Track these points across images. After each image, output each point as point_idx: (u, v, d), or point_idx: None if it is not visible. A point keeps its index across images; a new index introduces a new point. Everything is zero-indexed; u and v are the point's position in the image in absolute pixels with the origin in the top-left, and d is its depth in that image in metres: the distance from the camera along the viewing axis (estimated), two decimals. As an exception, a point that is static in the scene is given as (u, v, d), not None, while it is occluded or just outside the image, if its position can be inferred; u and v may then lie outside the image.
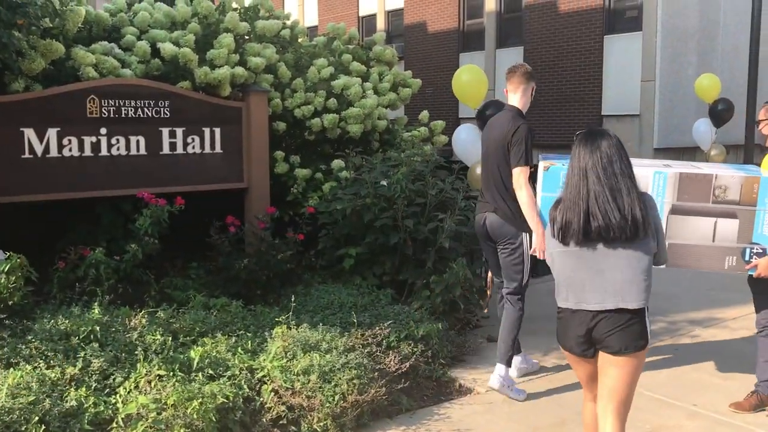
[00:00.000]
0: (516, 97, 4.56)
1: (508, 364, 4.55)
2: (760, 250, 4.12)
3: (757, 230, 4.15)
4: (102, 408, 3.54)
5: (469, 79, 6.65)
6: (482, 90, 6.75)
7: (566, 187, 3.02)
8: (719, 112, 8.29)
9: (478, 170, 6.53)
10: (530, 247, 4.35)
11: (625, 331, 2.91)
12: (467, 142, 6.71)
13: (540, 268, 5.38)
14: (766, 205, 4.12)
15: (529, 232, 4.34)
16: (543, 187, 4.14)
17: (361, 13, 19.65)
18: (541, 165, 4.15)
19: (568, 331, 3.07)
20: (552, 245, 3.09)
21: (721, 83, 13.49)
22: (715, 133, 8.33)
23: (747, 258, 4.15)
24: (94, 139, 5.40)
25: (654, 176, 4.22)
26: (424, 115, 7.96)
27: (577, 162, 2.99)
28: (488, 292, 5.85)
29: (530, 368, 4.89)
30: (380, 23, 18.96)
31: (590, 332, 2.97)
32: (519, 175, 4.30)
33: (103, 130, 5.44)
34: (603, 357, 2.99)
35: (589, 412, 3.25)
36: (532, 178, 4.35)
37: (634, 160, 3.27)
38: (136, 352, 3.95)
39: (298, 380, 3.85)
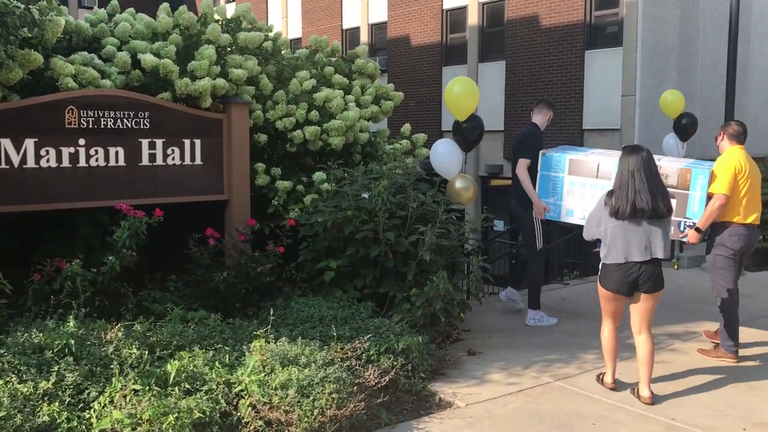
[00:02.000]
0: (537, 117, 6.52)
1: (537, 306, 6.41)
2: (691, 224, 5.52)
3: (689, 208, 5.54)
4: (75, 423, 3.48)
5: (460, 92, 6.62)
6: (473, 103, 6.72)
7: (618, 183, 4.58)
8: (684, 126, 8.39)
9: (457, 184, 6.56)
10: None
11: (657, 278, 4.58)
12: (445, 156, 6.67)
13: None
14: (696, 190, 5.51)
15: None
16: (541, 168, 6.15)
17: (345, 26, 19.71)
18: (541, 152, 6.17)
19: (616, 277, 4.59)
20: (607, 221, 4.60)
21: (701, 97, 13.69)
22: (683, 147, 8.40)
23: (681, 229, 5.57)
24: (72, 149, 5.35)
25: (617, 164, 5.46)
26: (406, 128, 7.97)
27: (625, 167, 4.56)
28: None
29: (515, 306, 6.81)
30: (364, 36, 19.02)
31: (639, 277, 4.54)
32: (518, 163, 6.27)
33: (82, 141, 5.39)
34: (640, 295, 4.61)
35: (609, 333, 4.79)
36: (533, 168, 6.24)
37: (605, 151, 6.17)
38: (112, 366, 3.89)
39: (276, 395, 3.82)
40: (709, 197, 5.44)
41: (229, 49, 6.67)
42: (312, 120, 6.74)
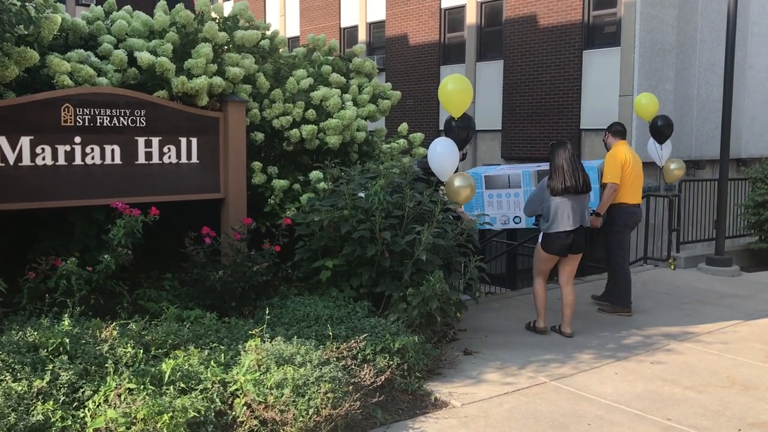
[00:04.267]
0: None
1: None
2: (591, 212, 6.53)
3: (591, 200, 6.55)
4: (69, 422, 3.47)
5: (454, 88, 6.62)
6: (467, 99, 6.74)
7: (553, 169, 5.93)
8: (659, 128, 8.34)
9: (456, 182, 6.54)
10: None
11: (583, 242, 6.02)
12: (443, 155, 6.63)
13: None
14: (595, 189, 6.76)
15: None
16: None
17: (343, 25, 19.69)
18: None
19: (558, 243, 5.95)
20: (548, 199, 5.93)
21: (698, 98, 13.70)
22: (661, 149, 8.37)
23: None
24: (68, 147, 5.33)
25: (522, 173, 7.15)
26: (403, 127, 7.96)
27: (556, 156, 5.96)
28: None
29: None
30: (362, 35, 19.00)
31: (572, 242, 5.93)
32: None
33: (78, 139, 5.37)
34: (570, 257, 6.07)
35: (542, 289, 6.14)
36: None
37: (511, 166, 7.55)
38: (107, 365, 3.88)
39: (272, 394, 3.81)
40: (603, 186, 6.79)
41: (226, 47, 6.65)
42: (309, 119, 6.72)
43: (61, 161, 5.31)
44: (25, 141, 5.15)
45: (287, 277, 5.99)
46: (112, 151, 5.53)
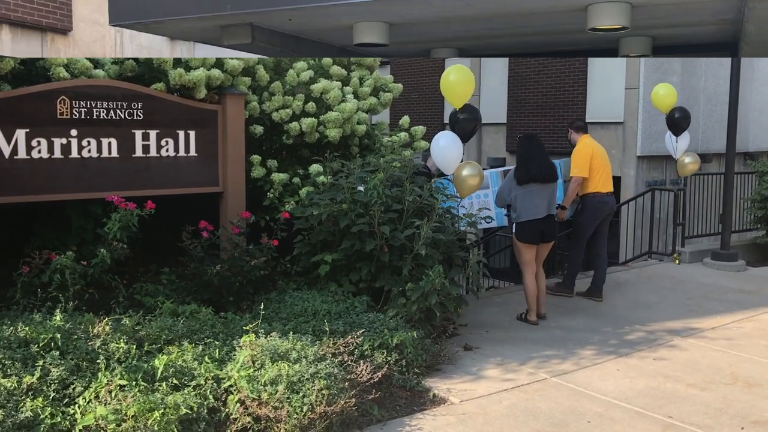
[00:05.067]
0: (429, 162, 7.22)
1: None
2: (556, 205, 6.65)
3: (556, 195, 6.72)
4: (59, 419, 3.42)
5: (456, 79, 6.52)
6: (468, 90, 6.63)
7: (521, 160, 6.23)
8: (676, 120, 8.16)
9: (465, 171, 6.43)
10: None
11: (554, 231, 6.40)
12: (446, 149, 6.53)
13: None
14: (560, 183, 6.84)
15: None
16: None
17: (348, 17, 19.58)
18: (433, 180, 6.59)
19: (532, 231, 6.16)
20: (516, 189, 6.17)
21: (705, 91, 13.57)
22: (676, 141, 8.21)
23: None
24: (64, 140, 5.28)
25: (490, 174, 7.40)
26: (405, 120, 7.89)
27: (523, 148, 6.29)
28: None
29: None
30: (366, 27, 18.88)
31: (543, 230, 6.18)
32: None
33: (74, 132, 5.31)
34: (542, 245, 6.30)
35: (531, 281, 6.22)
36: None
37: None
38: (98, 361, 3.82)
39: (266, 390, 3.75)
40: (567, 181, 7.00)
41: (225, 39, 6.58)
42: (309, 112, 6.66)
43: (57, 154, 5.25)
44: (20, 134, 5.09)
45: (286, 271, 5.95)
46: (109, 144, 5.47)
